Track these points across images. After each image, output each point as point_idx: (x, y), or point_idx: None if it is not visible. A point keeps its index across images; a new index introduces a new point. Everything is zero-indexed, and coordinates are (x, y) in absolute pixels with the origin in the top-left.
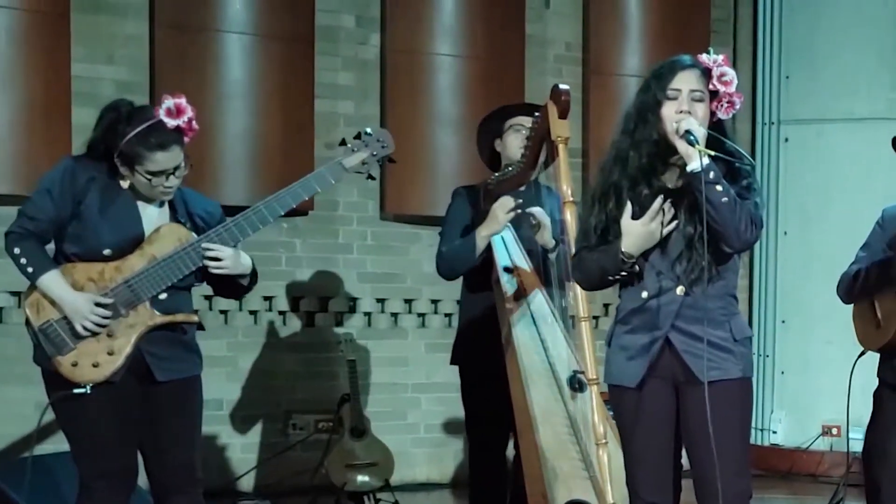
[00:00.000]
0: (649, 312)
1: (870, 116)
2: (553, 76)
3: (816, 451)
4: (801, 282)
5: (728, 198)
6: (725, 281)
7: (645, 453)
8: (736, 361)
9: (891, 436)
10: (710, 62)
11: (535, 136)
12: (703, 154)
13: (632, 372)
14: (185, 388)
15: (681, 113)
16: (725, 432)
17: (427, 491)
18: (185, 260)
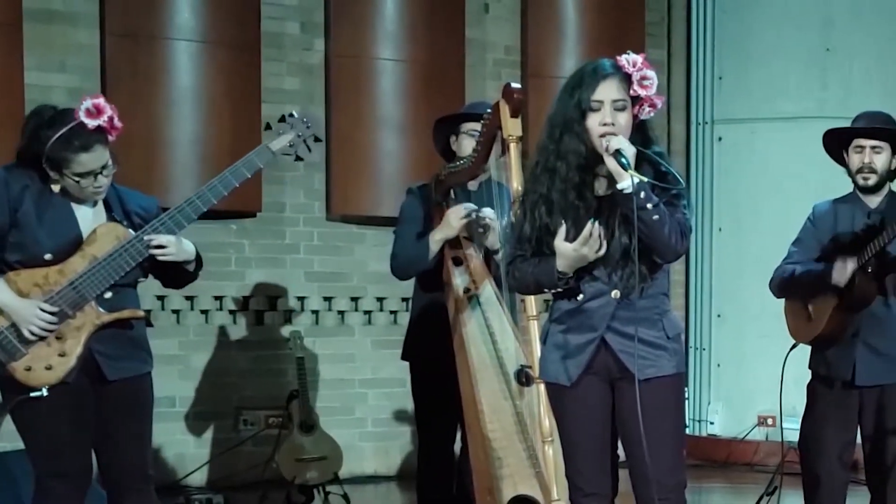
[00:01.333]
0: (585, 314)
1: (800, 115)
2: (492, 79)
3: (752, 441)
4: (735, 277)
5: (659, 215)
6: (657, 281)
7: (582, 448)
8: (669, 358)
9: (825, 427)
10: (629, 67)
11: (486, 132)
12: (634, 176)
13: (567, 370)
14: (136, 387)
15: (605, 126)
16: (661, 427)
17: (375, 483)
18: (126, 256)
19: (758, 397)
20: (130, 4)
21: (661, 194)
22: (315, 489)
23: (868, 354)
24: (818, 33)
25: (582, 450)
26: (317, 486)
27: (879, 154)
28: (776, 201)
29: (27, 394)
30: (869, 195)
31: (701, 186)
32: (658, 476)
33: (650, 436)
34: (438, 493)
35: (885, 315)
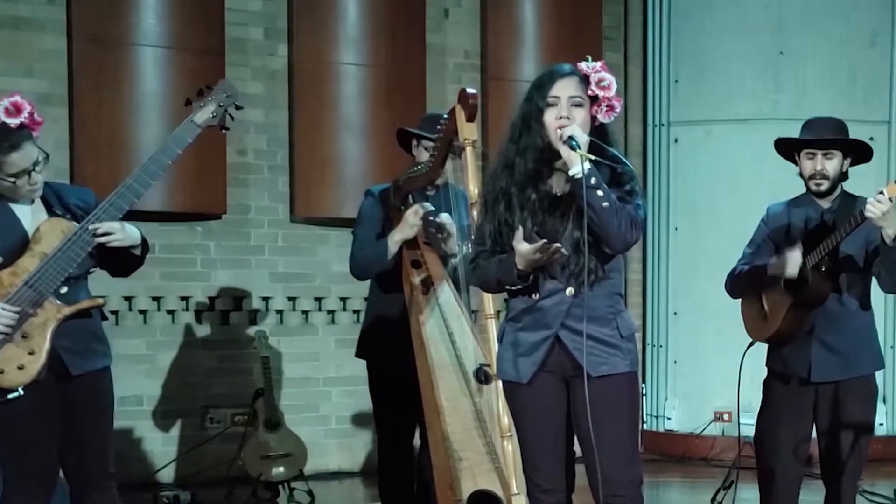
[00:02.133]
0: (540, 312)
1: (755, 117)
2: (453, 83)
3: (709, 436)
4: (691, 275)
5: (609, 202)
6: (612, 280)
7: (538, 444)
8: (623, 357)
9: (781, 423)
10: (588, 69)
11: (442, 137)
12: (585, 159)
13: (523, 368)
14: (97, 383)
15: (561, 119)
16: (615, 424)
17: (339, 479)
18: (75, 248)
19: (714, 393)
20: (97, 11)
21: (614, 189)
22: (280, 485)
23: (823, 352)
24: (771, 37)
25: (538, 446)
26: (282, 483)
27: (831, 160)
28: (731, 201)
29: (4, 396)
30: (823, 196)
31: (657, 187)
32: (613, 472)
33: (604, 432)
34: (399, 490)
35: (840, 313)
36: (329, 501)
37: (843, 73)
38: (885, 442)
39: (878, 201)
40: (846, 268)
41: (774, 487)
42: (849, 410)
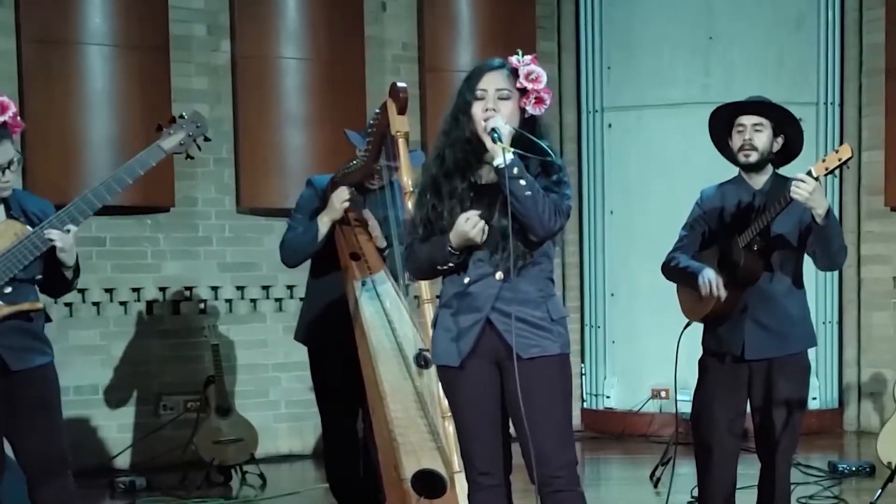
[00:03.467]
0: (471, 296)
1: (685, 101)
2: (391, 75)
3: (647, 413)
4: (626, 257)
5: (531, 191)
6: (541, 265)
7: (473, 427)
8: (554, 339)
9: (716, 400)
10: (518, 63)
11: (376, 131)
12: (506, 151)
13: (455, 352)
14: (41, 377)
15: (487, 111)
16: (547, 405)
17: (290, 462)
18: (24, 251)
19: (651, 371)
20: (45, 12)
21: (541, 178)
22: (233, 469)
23: (756, 330)
24: (701, 22)
25: (473, 429)
26: (234, 467)
27: (760, 132)
28: (664, 184)
29: None
30: (753, 176)
31: (592, 171)
32: (548, 453)
33: (537, 414)
34: (345, 471)
35: (772, 292)
36: (280, 484)
37: (770, 57)
38: (819, 416)
39: (804, 181)
40: (778, 247)
41: (710, 463)
42: (782, 387)
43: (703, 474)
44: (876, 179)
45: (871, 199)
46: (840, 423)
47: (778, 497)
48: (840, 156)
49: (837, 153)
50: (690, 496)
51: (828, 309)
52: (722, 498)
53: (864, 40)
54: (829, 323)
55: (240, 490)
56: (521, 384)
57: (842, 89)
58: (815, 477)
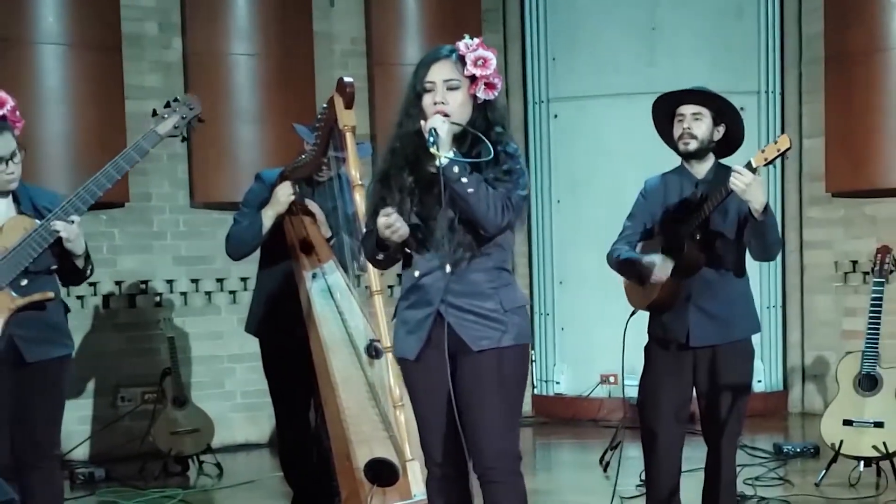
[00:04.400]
0: (423, 289)
1: (630, 91)
2: (340, 69)
3: (596, 399)
4: (573, 245)
5: (474, 188)
6: (491, 256)
7: (429, 419)
8: (507, 330)
9: (661, 386)
10: (465, 48)
11: (323, 125)
12: (440, 156)
13: (411, 345)
14: (54, 368)
15: (437, 104)
16: (493, 398)
17: (246, 451)
18: (33, 244)
19: (600, 357)
20: None
21: (492, 169)
22: (190, 459)
23: (701, 317)
24: (644, 13)
25: (429, 421)
26: (191, 457)
27: (699, 121)
28: (609, 172)
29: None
30: (695, 165)
31: (539, 161)
32: (485, 444)
33: (482, 406)
34: (299, 461)
35: (715, 280)
36: (237, 473)
37: (712, 47)
38: (764, 398)
39: (741, 173)
40: (720, 236)
41: (656, 448)
42: (727, 373)
43: (649, 459)
44: (817, 166)
45: (813, 186)
46: (785, 405)
47: (724, 480)
48: (779, 146)
49: (777, 144)
50: (639, 479)
51: (771, 294)
52: (668, 482)
53: (804, 30)
54: (772, 307)
55: (197, 479)
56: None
57: (782, 78)
58: (760, 458)
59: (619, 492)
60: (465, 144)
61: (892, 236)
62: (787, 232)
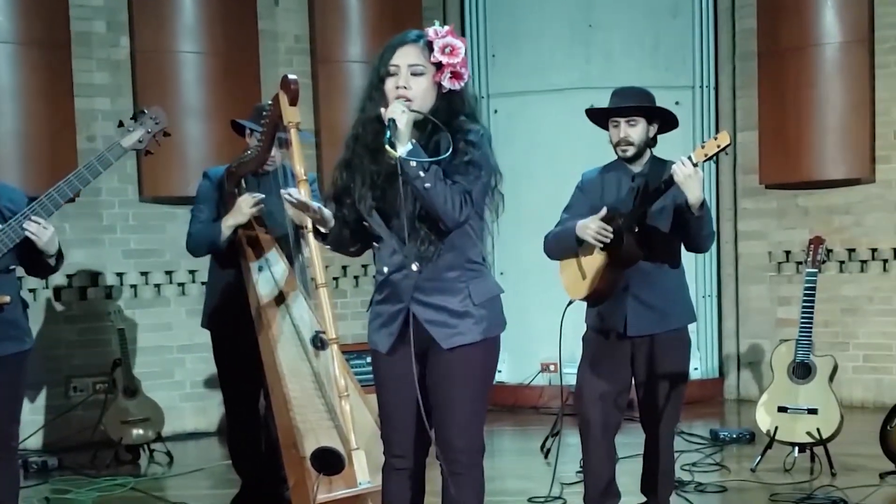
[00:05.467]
0: (393, 286)
1: (567, 86)
2: (284, 66)
3: (536, 387)
4: (514, 238)
5: (432, 183)
6: (458, 251)
7: (393, 411)
8: (475, 324)
9: (599, 375)
10: (434, 35)
11: (269, 122)
12: (394, 155)
13: (383, 338)
14: (11, 364)
15: (399, 88)
16: (460, 393)
17: (196, 440)
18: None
19: (540, 346)
20: None
21: (451, 161)
22: (140, 448)
23: (638, 307)
24: (581, 11)
25: (393, 414)
26: (142, 445)
27: (634, 126)
28: (547, 166)
29: None
30: (633, 161)
31: None
32: (451, 439)
33: (452, 402)
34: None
35: (652, 271)
36: (187, 460)
37: (648, 43)
38: (700, 385)
39: (684, 165)
40: (657, 229)
41: (591, 435)
42: (664, 362)
43: (586, 446)
44: (750, 159)
45: (747, 178)
46: (721, 391)
47: (663, 467)
48: (719, 142)
49: (716, 140)
50: (579, 465)
51: (707, 283)
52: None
53: (737, 25)
54: (708, 296)
55: (148, 467)
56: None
57: (716, 73)
58: (697, 444)
59: (559, 478)
60: (426, 133)
61: (824, 227)
62: (722, 223)
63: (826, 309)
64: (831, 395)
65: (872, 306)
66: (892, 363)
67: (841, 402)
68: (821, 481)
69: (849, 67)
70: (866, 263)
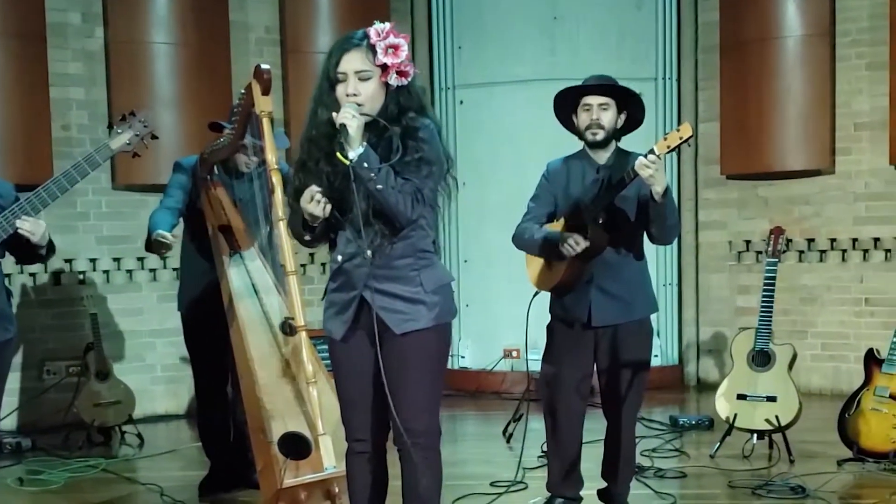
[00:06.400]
0: (347, 273)
1: (533, 78)
2: (255, 57)
3: (499, 372)
4: (479, 226)
5: (383, 185)
6: (412, 239)
7: (350, 397)
8: (429, 310)
9: (563, 364)
10: (376, 37)
11: (241, 111)
12: (345, 161)
13: (337, 326)
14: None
15: (349, 96)
16: (414, 378)
17: (166, 422)
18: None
19: (503, 332)
20: None
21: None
22: (112, 429)
23: (602, 298)
24: (547, 4)
25: (351, 399)
26: (114, 427)
27: (606, 111)
28: (513, 156)
29: None
30: (598, 151)
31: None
32: (407, 422)
33: (404, 386)
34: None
35: (616, 262)
36: (157, 442)
37: (612, 35)
38: (661, 372)
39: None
40: (621, 220)
41: (558, 423)
42: (627, 351)
43: (550, 432)
44: (712, 150)
45: (708, 169)
46: (681, 378)
47: (624, 453)
48: (681, 134)
49: (679, 132)
50: (541, 451)
51: (668, 272)
52: (569, 454)
53: (700, 18)
54: (669, 285)
55: (119, 449)
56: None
57: (679, 65)
58: (657, 430)
59: (522, 462)
60: (377, 132)
61: (784, 217)
62: (684, 213)
63: (785, 298)
64: (790, 382)
65: (831, 295)
66: (849, 351)
67: (799, 390)
68: (779, 468)
69: (810, 60)
70: (825, 253)
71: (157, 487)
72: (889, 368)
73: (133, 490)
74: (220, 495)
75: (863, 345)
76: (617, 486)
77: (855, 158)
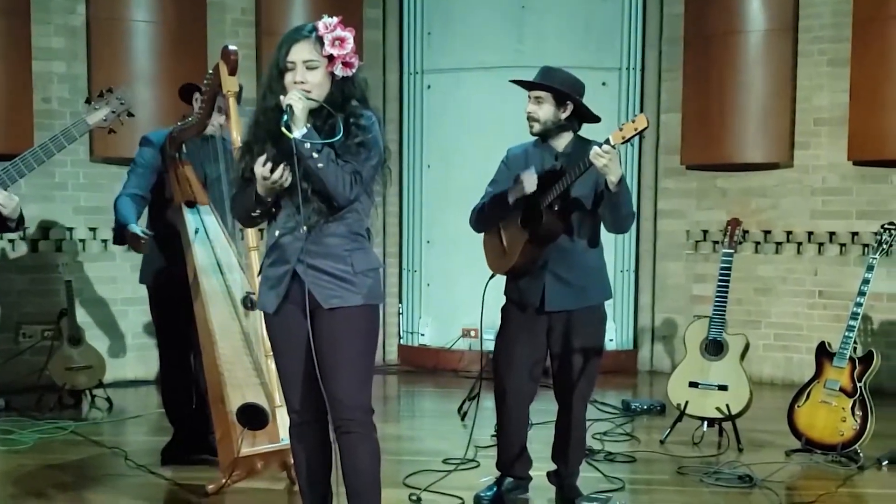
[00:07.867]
0: (281, 248)
1: (500, 65)
2: (231, 38)
3: (457, 351)
4: (442, 207)
5: (324, 164)
6: (346, 221)
7: (287, 371)
8: (356, 290)
9: (516, 346)
10: (324, 29)
11: (209, 90)
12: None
13: (271, 300)
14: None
15: (296, 84)
16: (344, 353)
17: (135, 387)
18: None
19: (462, 312)
20: None
21: (344, 142)
22: (83, 393)
23: (556, 283)
24: None
25: (288, 372)
26: (84, 391)
27: (540, 105)
28: (477, 141)
29: None
30: (555, 138)
31: (412, 129)
32: (341, 397)
33: (335, 361)
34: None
35: (571, 248)
36: (126, 406)
37: (578, 25)
38: (615, 356)
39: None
40: (577, 208)
41: (506, 402)
42: (580, 336)
43: (499, 412)
44: (673, 140)
45: (669, 158)
46: (634, 363)
47: (574, 437)
48: (637, 126)
49: (634, 123)
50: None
51: (625, 258)
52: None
53: (665, 10)
54: (626, 271)
55: (88, 412)
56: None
57: (643, 56)
58: (609, 414)
59: (474, 440)
60: (322, 118)
61: (741, 208)
62: (643, 201)
63: (740, 288)
64: (742, 372)
65: (785, 287)
66: (801, 342)
67: (751, 379)
68: (728, 456)
69: (772, 55)
70: (781, 245)
71: (121, 451)
72: (840, 362)
73: (99, 452)
74: (181, 461)
75: (815, 336)
76: (567, 469)
77: (813, 153)
